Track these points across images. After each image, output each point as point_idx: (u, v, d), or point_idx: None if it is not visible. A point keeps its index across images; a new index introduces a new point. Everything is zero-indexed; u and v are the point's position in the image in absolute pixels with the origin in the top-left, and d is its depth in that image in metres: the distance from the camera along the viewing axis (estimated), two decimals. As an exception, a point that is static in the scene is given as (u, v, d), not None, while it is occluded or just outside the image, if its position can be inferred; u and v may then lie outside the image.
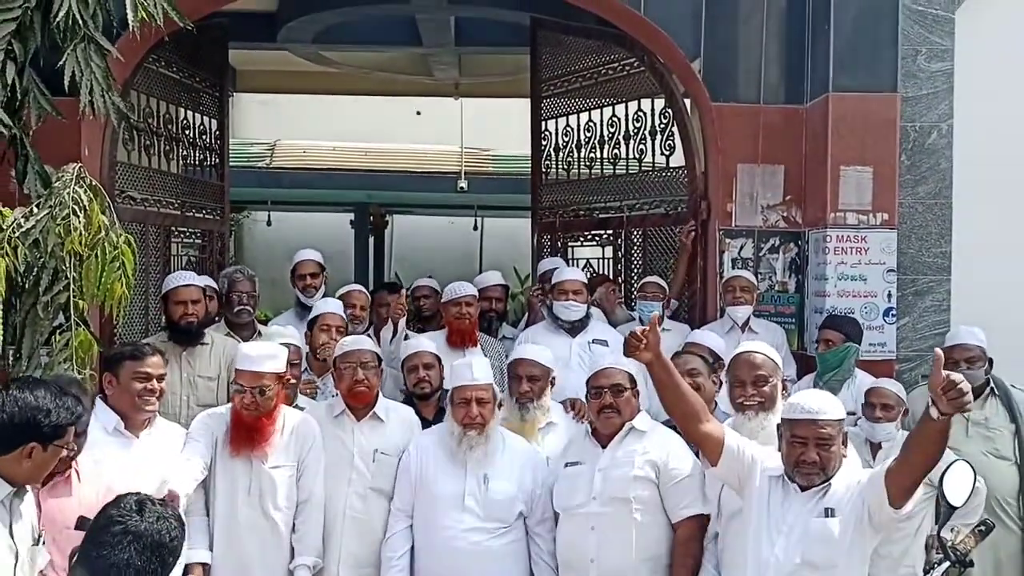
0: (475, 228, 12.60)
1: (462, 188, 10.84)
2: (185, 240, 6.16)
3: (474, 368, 3.58)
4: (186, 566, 3.30)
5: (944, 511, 3.00)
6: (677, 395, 2.96)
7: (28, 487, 2.58)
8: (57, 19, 3.97)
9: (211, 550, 3.47)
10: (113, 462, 3.14)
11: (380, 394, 3.83)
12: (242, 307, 4.75)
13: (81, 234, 3.51)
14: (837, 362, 4.39)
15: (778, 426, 2.94)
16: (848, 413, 4.31)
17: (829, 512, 2.78)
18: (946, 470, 3.04)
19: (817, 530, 2.79)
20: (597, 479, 3.34)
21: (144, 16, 4.08)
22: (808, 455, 2.79)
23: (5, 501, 2.45)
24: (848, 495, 2.79)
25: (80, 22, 4.00)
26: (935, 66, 5.11)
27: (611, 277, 5.86)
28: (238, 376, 3.52)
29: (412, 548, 3.57)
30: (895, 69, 4.99)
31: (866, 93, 4.95)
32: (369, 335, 4.62)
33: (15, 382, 2.58)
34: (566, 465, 3.49)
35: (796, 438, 2.81)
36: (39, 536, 2.57)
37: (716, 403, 3.78)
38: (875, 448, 3.99)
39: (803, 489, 2.84)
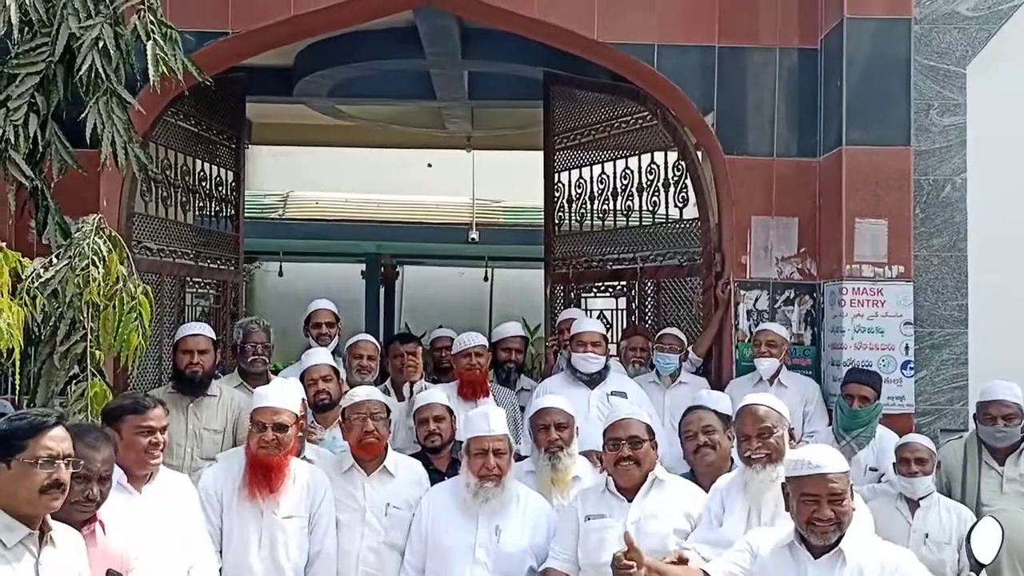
0: (485, 279, 12.63)
1: (473, 239, 10.89)
2: (199, 290, 6.18)
3: (490, 419, 3.54)
4: None
5: (972, 568, 2.94)
6: None
7: (68, 534, 2.53)
8: (80, 73, 4.04)
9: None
10: (121, 516, 3.10)
11: (389, 447, 3.79)
12: (256, 357, 4.74)
13: (100, 285, 3.53)
14: (869, 419, 4.33)
15: (783, 485, 2.84)
16: (870, 469, 4.30)
17: None
18: (973, 527, 2.99)
19: None
20: (631, 533, 3.28)
21: (165, 71, 4.14)
22: (822, 512, 2.68)
23: (28, 543, 2.40)
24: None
25: (103, 76, 4.06)
26: (947, 120, 5.15)
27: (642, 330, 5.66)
28: (256, 415, 3.48)
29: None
30: (908, 123, 5.01)
31: (879, 147, 4.97)
32: (387, 388, 4.59)
33: None
34: (587, 518, 3.43)
35: (807, 496, 2.70)
36: None
37: (733, 460, 3.73)
38: (913, 505, 3.93)
39: (816, 556, 2.74)
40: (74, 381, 3.58)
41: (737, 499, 3.26)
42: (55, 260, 3.60)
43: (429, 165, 12.14)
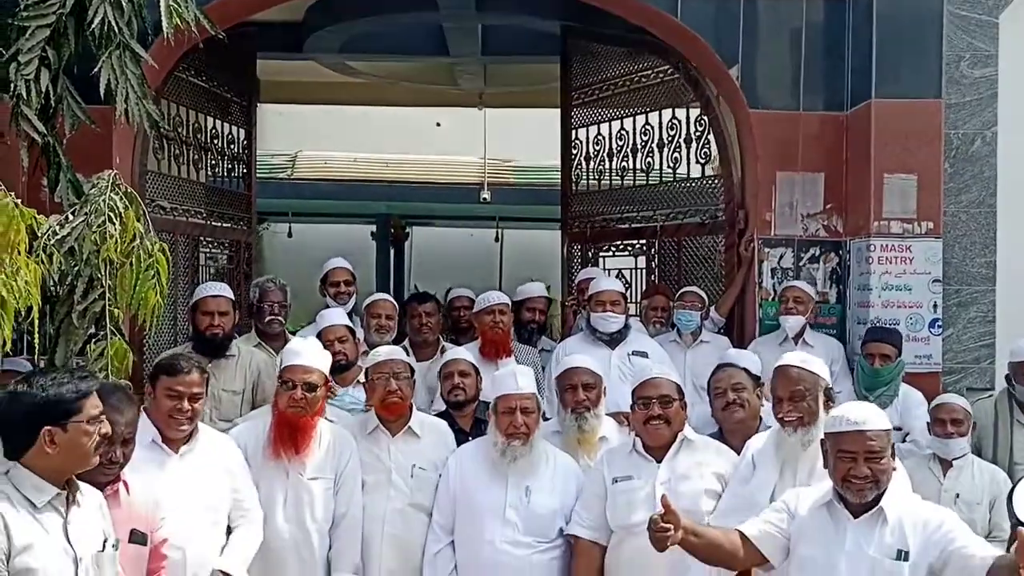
0: (496, 240, 12.53)
1: (485, 199, 10.76)
2: (212, 250, 6.10)
3: (518, 377, 3.50)
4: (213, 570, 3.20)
5: (1013, 526, 2.88)
6: (713, 548, 2.78)
7: (90, 494, 2.52)
8: (92, 26, 3.92)
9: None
10: (149, 477, 3.05)
11: (414, 407, 3.73)
12: (273, 317, 4.66)
13: (117, 241, 3.44)
14: (891, 378, 4.27)
15: (822, 442, 2.79)
16: (894, 428, 4.24)
17: (903, 555, 2.59)
18: (1015, 486, 2.93)
19: (887, 572, 2.59)
20: (660, 494, 3.23)
21: (179, 22, 4.02)
22: (858, 470, 2.62)
23: (56, 503, 2.39)
24: (921, 539, 2.59)
25: (115, 29, 3.94)
26: (978, 72, 5.02)
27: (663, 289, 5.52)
28: (286, 372, 3.43)
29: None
30: (939, 75, 4.89)
31: (909, 100, 4.86)
32: (405, 348, 4.52)
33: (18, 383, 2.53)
34: (615, 481, 3.38)
35: (844, 452, 2.65)
36: (115, 543, 2.52)
37: (761, 419, 3.68)
38: (945, 465, 3.87)
39: (855, 515, 2.69)
40: (93, 340, 3.50)
41: (769, 459, 3.21)
42: (71, 217, 3.51)
43: (437, 124, 11.97)
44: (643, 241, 6.07)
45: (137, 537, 2.73)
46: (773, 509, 2.84)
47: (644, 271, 6.08)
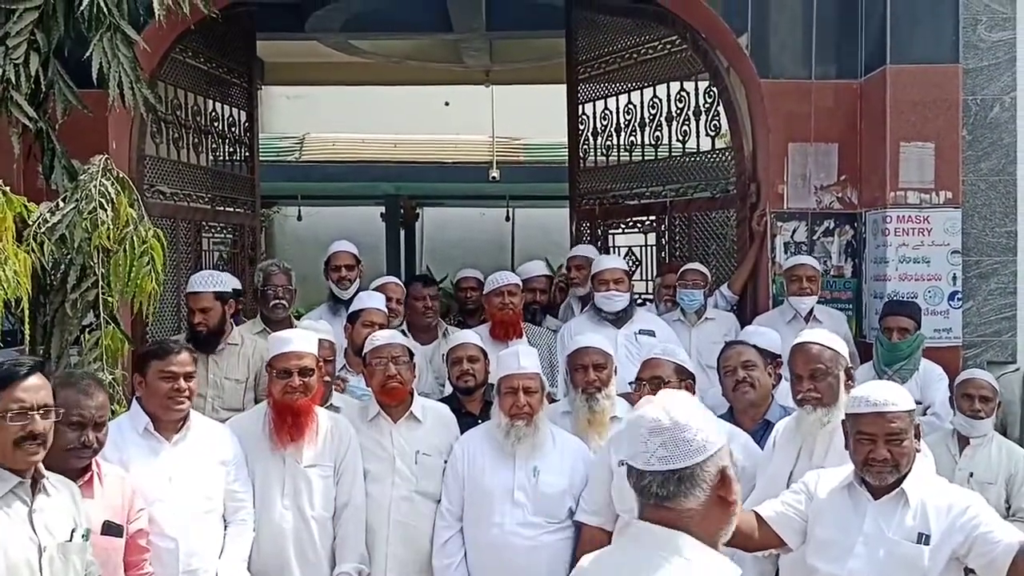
0: (507, 219, 12.42)
1: (494, 178, 10.64)
2: (216, 235, 6.03)
3: (521, 357, 3.43)
4: None
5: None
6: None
7: (62, 484, 2.46)
8: (82, 7, 3.82)
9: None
10: (142, 466, 3.02)
11: (415, 392, 3.65)
12: (277, 302, 4.57)
13: (108, 228, 3.36)
14: (910, 351, 4.15)
15: (843, 423, 2.69)
16: (915, 403, 4.12)
17: (923, 538, 2.50)
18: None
19: (906, 555, 2.51)
20: None
21: (170, 3, 3.93)
22: (878, 452, 2.53)
23: (20, 492, 2.35)
24: (945, 523, 2.50)
25: (105, 10, 3.85)
26: (996, 36, 4.88)
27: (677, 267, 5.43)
28: (278, 361, 3.33)
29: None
30: (955, 39, 4.74)
31: (926, 65, 4.71)
32: (403, 331, 4.44)
33: None
34: (621, 463, 3.29)
35: (863, 435, 2.55)
36: (84, 533, 2.46)
37: (772, 397, 3.57)
38: (963, 443, 3.75)
39: (876, 496, 2.59)
40: (88, 330, 3.44)
41: (788, 441, 3.11)
42: (61, 204, 3.43)
43: (446, 103, 11.85)
44: (653, 217, 5.94)
45: (111, 529, 2.68)
46: (792, 491, 2.75)
47: (654, 248, 5.96)
